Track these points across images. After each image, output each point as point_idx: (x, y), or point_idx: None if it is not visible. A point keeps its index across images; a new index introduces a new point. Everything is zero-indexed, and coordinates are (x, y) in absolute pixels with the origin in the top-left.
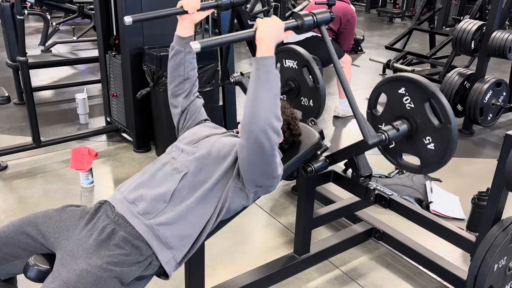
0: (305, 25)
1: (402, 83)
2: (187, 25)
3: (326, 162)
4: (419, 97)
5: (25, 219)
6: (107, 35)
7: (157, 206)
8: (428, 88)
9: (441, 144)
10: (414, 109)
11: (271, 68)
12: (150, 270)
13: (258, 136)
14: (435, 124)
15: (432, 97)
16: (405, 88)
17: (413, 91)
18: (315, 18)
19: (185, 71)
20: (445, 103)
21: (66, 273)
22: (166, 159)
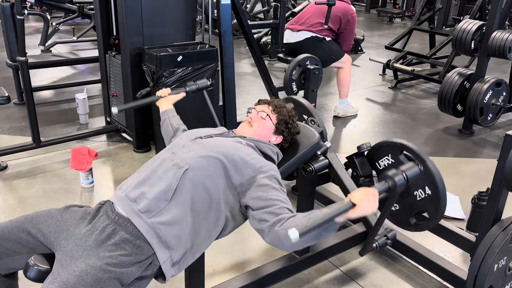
0: (398, 187)
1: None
2: (165, 104)
3: (326, 162)
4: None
5: (28, 217)
6: (107, 35)
7: (158, 204)
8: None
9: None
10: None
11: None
12: (151, 270)
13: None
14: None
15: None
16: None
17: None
18: (405, 175)
19: (173, 127)
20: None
21: (66, 274)
22: (166, 154)
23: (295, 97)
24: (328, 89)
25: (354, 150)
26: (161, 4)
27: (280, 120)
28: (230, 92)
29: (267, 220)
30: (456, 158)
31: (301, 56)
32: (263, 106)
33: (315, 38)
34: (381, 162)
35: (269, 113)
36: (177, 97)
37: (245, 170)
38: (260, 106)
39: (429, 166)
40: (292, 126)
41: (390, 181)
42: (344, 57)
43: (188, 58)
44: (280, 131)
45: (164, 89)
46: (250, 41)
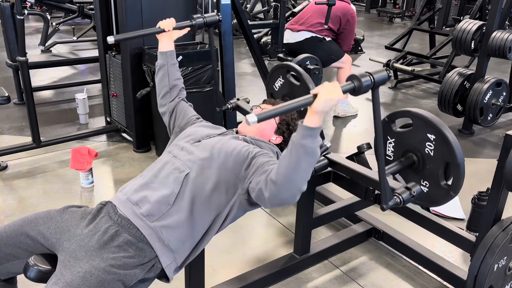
0: (363, 88)
1: (435, 132)
2: (166, 41)
3: (326, 162)
4: (442, 155)
5: (26, 219)
6: (107, 35)
7: (161, 208)
8: (458, 157)
9: (434, 196)
10: (431, 157)
11: (317, 138)
12: (153, 272)
13: (287, 198)
14: (441, 183)
15: (455, 166)
16: (435, 138)
17: (441, 146)
18: (372, 78)
19: (170, 81)
20: (462, 177)
21: (70, 275)
22: (167, 157)
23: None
24: None
25: (354, 150)
26: (161, 4)
27: (283, 120)
28: (230, 92)
29: (261, 180)
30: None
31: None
32: (268, 106)
33: (315, 38)
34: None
35: None
36: (180, 32)
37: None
38: (264, 105)
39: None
40: (294, 129)
41: (356, 81)
42: (344, 57)
43: (188, 58)
44: (281, 131)
45: (168, 20)
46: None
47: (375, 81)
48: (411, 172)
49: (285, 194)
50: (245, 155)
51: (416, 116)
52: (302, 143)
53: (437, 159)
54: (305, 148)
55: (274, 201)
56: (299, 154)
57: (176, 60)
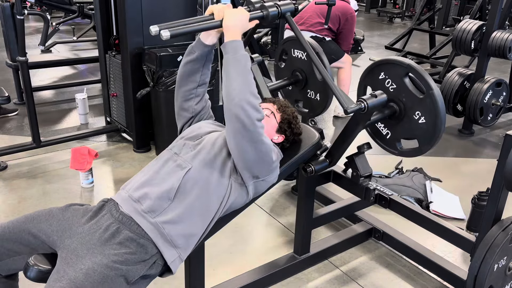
0: (270, 16)
1: (380, 68)
2: (215, 33)
3: (326, 162)
4: (397, 75)
5: (29, 216)
6: (107, 35)
7: (161, 204)
8: (403, 63)
9: (430, 115)
10: (397, 88)
11: (239, 49)
12: (155, 269)
13: (236, 113)
14: (419, 97)
15: (410, 70)
16: (384, 72)
17: (391, 71)
18: (279, 9)
19: (201, 78)
20: (423, 73)
21: (73, 272)
22: (168, 155)
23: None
24: None
25: (354, 150)
26: (161, 4)
27: (284, 119)
28: None
29: None
30: (456, 158)
31: None
32: (269, 104)
33: (315, 38)
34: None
35: (274, 111)
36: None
37: None
38: (265, 104)
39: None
40: (295, 127)
41: (264, 10)
42: (344, 57)
43: None
44: (283, 130)
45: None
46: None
47: (281, 11)
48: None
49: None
50: None
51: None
52: (226, 57)
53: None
54: (228, 60)
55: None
56: (226, 67)
57: (212, 56)
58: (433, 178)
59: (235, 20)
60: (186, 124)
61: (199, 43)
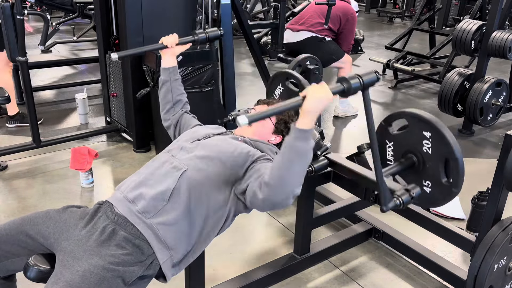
0: (352, 89)
1: (431, 129)
2: (169, 57)
3: (326, 162)
4: (440, 151)
5: (26, 218)
6: (107, 35)
7: (156, 205)
8: (455, 152)
9: (437, 195)
10: (430, 155)
11: (310, 140)
12: (152, 269)
13: (280, 200)
14: (442, 180)
15: (454, 161)
16: (430, 135)
17: (438, 143)
18: (361, 80)
19: (173, 97)
20: (461, 172)
21: (69, 274)
22: (165, 157)
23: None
24: None
25: (354, 150)
26: (161, 4)
27: (280, 120)
28: (230, 92)
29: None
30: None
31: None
32: (263, 107)
33: (315, 38)
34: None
35: None
36: (183, 47)
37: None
38: (259, 106)
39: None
40: None
41: (346, 83)
42: (344, 57)
43: (188, 58)
44: (280, 131)
45: (171, 36)
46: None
47: (364, 83)
48: (412, 173)
49: (279, 196)
50: (245, 157)
51: (410, 116)
52: (295, 144)
53: (436, 156)
54: (297, 149)
55: (267, 204)
56: (291, 156)
57: (179, 76)
58: None
59: (319, 105)
60: (175, 133)
61: (162, 70)
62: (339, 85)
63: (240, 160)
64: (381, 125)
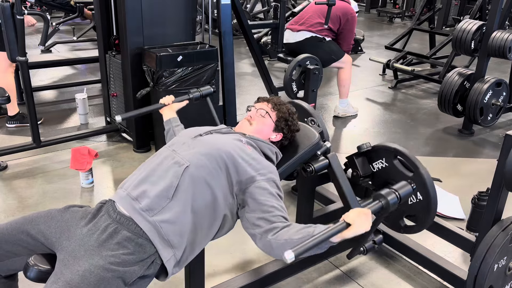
0: (391, 206)
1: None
2: (169, 112)
3: (326, 162)
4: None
5: (27, 218)
6: (107, 35)
7: (160, 202)
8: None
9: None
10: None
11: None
12: (153, 269)
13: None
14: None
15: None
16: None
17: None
18: (397, 194)
19: (176, 134)
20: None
21: (69, 274)
22: (166, 152)
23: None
24: (328, 89)
25: (354, 150)
26: (161, 4)
27: (280, 117)
28: (230, 92)
29: (260, 226)
30: (456, 158)
31: (301, 56)
32: (262, 104)
33: (315, 38)
34: (375, 165)
35: (269, 110)
36: (180, 104)
37: (244, 170)
38: (259, 104)
39: (421, 173)
40: (292, 123)
41: (383, 200)
42: (344, 57)
43: (188, 58)
44: (280, 128)
45: (167, 96)
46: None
47: (401, 197)
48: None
49: (276, 256)
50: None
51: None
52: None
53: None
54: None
55: (263, 250)
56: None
57: (179, 122)
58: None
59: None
60: None
61: (164, 122)
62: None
63: (243, 170)
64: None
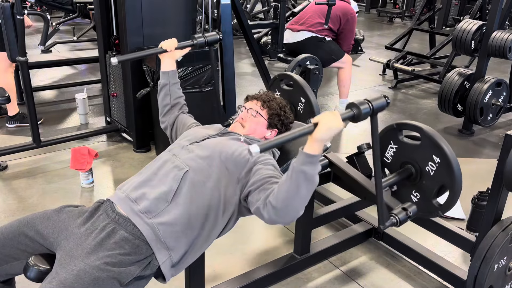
0: (362, 115)
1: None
2: (168, 61)
3: (326, 162)
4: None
5: (23, 220)
6: (107, 35)
7: (159, 205)
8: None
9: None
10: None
11: (317, 165)
12: (150, 270)
13: (284, 221)
14: (432, 200)
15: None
16: (440, 161)
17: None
18: (371, 105)
19: (171, 100)
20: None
21: (64, 274)
22: (167, 156)
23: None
24: (328, 89)
25: (354, 150)
26: (161, 4)
27: (272, 114)
28: (230, 92)
29: (260, 197)
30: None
31: (301, 56)
32: (252, 103)
33: (315, 38)
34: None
35: (259, 109)
36: (182, 52)
37: (243, 164)
38: (249, 103)
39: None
40: (285, 117)
41: (356, 110)
42: (344, 57)
43: (188, 58)
44: (274, 125)
45: (170, 40)
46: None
47: (374, 108)
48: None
49: (284, 218)
50: (246, 158)
51: (427, 136)
52: (302, 169)
53: (436, 179)
54: (305, 174)
55: (271, 222)
56: (299, 180)
57: (178, 79)
58: None
59: (329, 133)
60: (172, 134)
61: (161, 73)
62: (349, 111)
63: (241, 161)
64: (393, 128)
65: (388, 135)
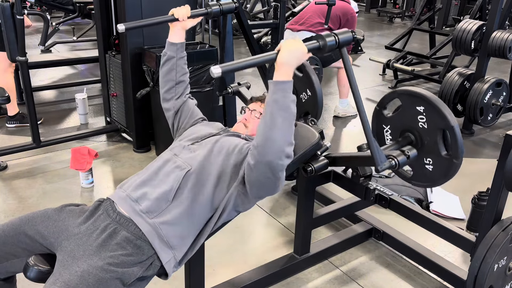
0: (327, 46)
1: (423, 103)
2: (178, 31)
3: (326, 162)
4: (436, 124)
5: (24, 218)
6: (107, 35)
7: (160, 205)
8: (450, 121)
9: (439, 171)
10: (426, 130)
11: (289, 93)
12: (152, 270)
13: (271, 160)
14: (441, 153)
15: (450, 130)
16: (424, 108)
17: (432, 115)
18: (337, 38)
19: (177, 76)
20: (459, 140)
21: (68, 275)
22: (168, 156)
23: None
24: (328, 89)
25: (354, 150)
26: (161, 4)
27: None
28: None
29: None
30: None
31: None
32: (255, 105)
33: None
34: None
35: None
36: (194, 21)
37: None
38: (252, 104)
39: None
40: None
41: (322, 41)
42: None
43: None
44: None
45: (183, 7)
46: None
47: (339, 41)
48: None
49: (269, 155)
50: (245, 151)
51: (401, 94)
52: (274, 98)
53: (432, 129)
54: (277, 102)
55: (260, 168)
56: (272, 111)
57: (185, 53)
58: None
59: (292, 55)
60: (174, 122)
61: (168, 44)
62: (315, 42)
63: (241, 154)
64: (376, 110)
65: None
